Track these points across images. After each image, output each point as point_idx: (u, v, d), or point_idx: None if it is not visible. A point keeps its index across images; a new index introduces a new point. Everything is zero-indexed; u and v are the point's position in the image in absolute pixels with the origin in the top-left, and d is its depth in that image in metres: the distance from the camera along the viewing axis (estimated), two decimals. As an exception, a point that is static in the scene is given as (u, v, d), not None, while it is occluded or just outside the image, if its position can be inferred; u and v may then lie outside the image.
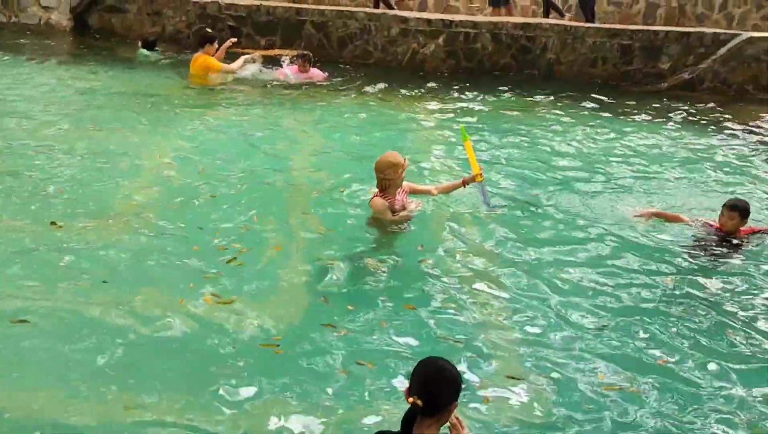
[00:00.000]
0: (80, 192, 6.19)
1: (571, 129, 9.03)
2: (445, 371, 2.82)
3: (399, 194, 5.74)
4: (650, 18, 15.43)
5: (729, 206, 5.76)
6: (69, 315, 4.34)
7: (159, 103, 9.12)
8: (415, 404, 2.71)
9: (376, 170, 5.62)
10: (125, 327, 4.24)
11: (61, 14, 12.64)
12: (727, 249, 5.68)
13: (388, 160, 5.60)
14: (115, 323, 4.28)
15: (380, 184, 5.65)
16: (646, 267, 5.38)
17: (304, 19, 12.10)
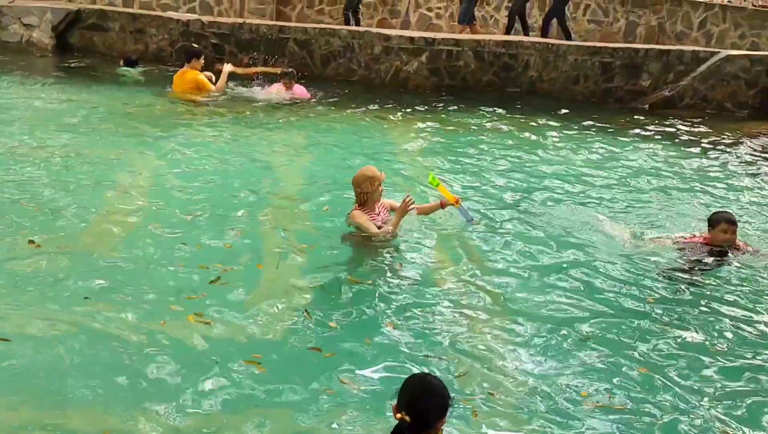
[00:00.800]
0: (59, 210, 6.10)
1: (554, 145, 9.08)
2: (433, 387, 2.80)
3: (378, 209, 5.76)
4: (630, 36, 15.64)
5: (727, 220, 5.74)
6: (51, 334, 4.26)
7: (140, 121, 9.08)
8: (403, 420, 2.69)
9: (353, 185, 5.71)
10: (108, 346, 4.18)
11: (43, 32, 12.59)
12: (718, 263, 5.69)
13: (363, 173, 5.69)
14: (97, 342, 4.21)
15: (358, 198, 5.72)
16: (630, 283, 5.39)
17: (287, 36, 12.12)
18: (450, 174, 7.79)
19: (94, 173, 7.07)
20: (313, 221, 6.23)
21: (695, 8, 15.50)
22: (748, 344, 4.64)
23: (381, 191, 5.75)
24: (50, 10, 12.71)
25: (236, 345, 4.26)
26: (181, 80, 10.14)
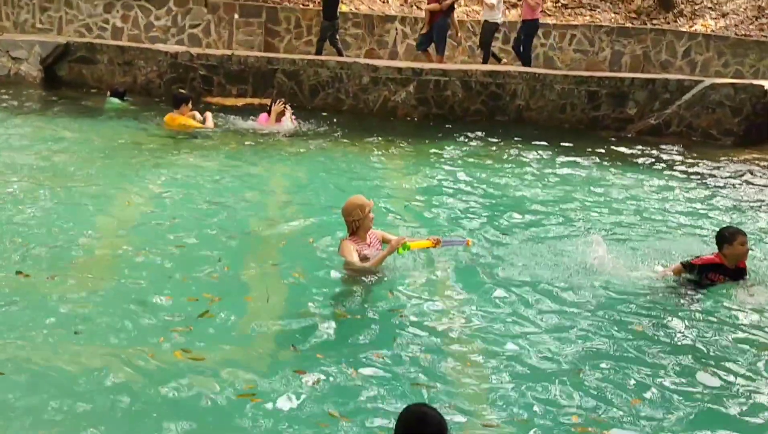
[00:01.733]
0: (48, 242, 6.08)
1: (542, 173, 9.12)
2: (429, 417, 2.78)
3: (370, 238, 5.76)
4: (616, 65, 15.81)
5: (743, 232, 5.72)
6: (43, 367, 4.24)
7: (128, 152, 9.08)
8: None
9: (343, 214, 5.74)
10: (98, 381, 4.14)
11: (31, 65, 12.61)
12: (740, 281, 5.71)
13: (352, 202, 5.73)
14: (88, 377, 4.17)
15: (349, 227, 5.75)
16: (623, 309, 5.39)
17: (276, 68, 12.18)
18: (439, 202, 7.81)
19: (82, 204, 7.05)
20: (302, 253, 6.21)
21: (679, 38, 15.70)
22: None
23: (371, 219, 5.76)
24: (39, 43, 12.73)
25: (225, 379, 4.22)
26: (172, 126, 10.21)
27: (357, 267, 5.59)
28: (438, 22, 13.37)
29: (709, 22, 16.32)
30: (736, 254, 5.70)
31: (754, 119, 11.35)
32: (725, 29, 15.98)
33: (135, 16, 15.28)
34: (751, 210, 8.12)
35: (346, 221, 5.73)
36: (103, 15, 15.29)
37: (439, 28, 13.41)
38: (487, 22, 13.76)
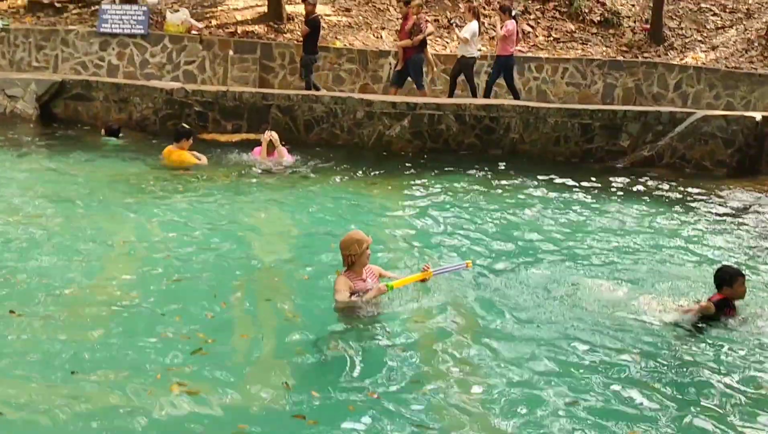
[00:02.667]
0: (41, 280, 6.05)
1: (537, 206, 9.13)
2: None
3: (366, 273, 5.75)
4: (608, 98, 15.94)
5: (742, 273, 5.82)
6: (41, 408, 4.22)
7: (123, 189, 9.07)
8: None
9: (341, 248, 5.75)
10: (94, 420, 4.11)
11: (27, 103, 12.65)
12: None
13: (350, 237, 5.75)
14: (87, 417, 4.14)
15: (345, 262, 5.75)
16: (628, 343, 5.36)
17: (271, 103, 12.25)
18: (434, 235, 7.81)
19: (76, 242, 7.03)
20: (297, 289, 6.19)
21: (670, 70, 15.86)
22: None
23: (368, 255, 5.76)
24: (35, 81, 12.80)
25: (221, 417, 4.18)
26: (169, 159, 10.23)
27: (344, 302, 5.58)
28: (412, 58, 13.54)
29: (699, 54, 16.49)
30: (737, 295, 5.78)
31: (747, 150, 11.42)
32: (716, 62, 16.15)
33: (130, 54, 15.41)
34: (747, 240, 8.13)
35: (343, 255, 5.74)
36: (99, 52, 15.42)
37: (414, 64, 13.56)
38: (464, 57, 13.84)
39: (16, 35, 15.59)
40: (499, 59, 13.84)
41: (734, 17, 17.82)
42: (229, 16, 16.53)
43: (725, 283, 5.77)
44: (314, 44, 13.98)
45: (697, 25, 17.66)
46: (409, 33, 13.43)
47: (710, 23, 17.70)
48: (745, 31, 17.06)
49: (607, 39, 17.27)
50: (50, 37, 15.51)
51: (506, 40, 13.62)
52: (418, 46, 13.46)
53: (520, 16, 17.54)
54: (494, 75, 13.96)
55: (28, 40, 15.54)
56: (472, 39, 13.64)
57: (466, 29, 13.71)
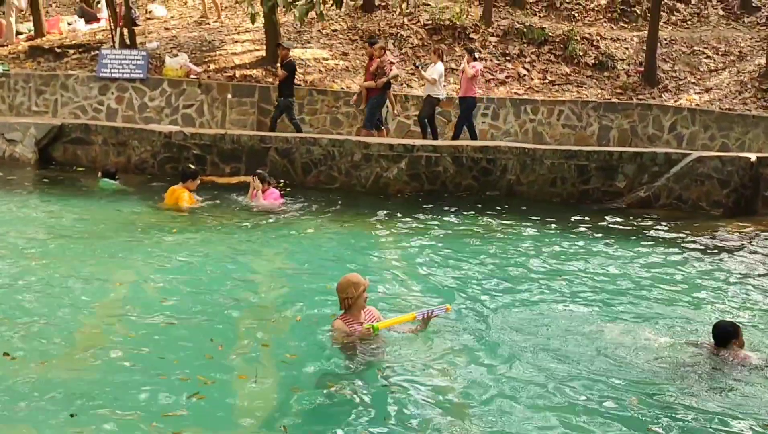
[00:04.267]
0: (36, 322, 6.00)
1: (535, 247, 9.13)
2: None
3: (364, 316, 5.73)
4: (604, 139, 16.06)
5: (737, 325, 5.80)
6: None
7: (120, 232, 9.07)
8: None
9: (338, 291, 5.72)
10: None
11: (26, 147, 12.73)
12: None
13: (348, 279, 5.72)
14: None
15: (342, 305, 5.72)
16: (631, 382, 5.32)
17: (269, 146, 12.32)
18: (432, 277, 7.79)
19: (73, 286, 6.99)
20: (293, 330, 6.15)
21: (665, 112, 16.01)
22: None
23: (365, 298, 5.73)
24: (34, 125, 12.89)
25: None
26: (170, 198, 10.28)
27: (341, 344, 5.58)
28: (373, 98, 13.75)
29: (693, 96, 16.67)
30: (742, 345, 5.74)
31: (743, 191, 11.48)
32: (710, 103, 16.31)
33: (129, 98, 15.55)
34: (745, 280, 8.12)
35: (340, 298, 5.72)
36: (98, 97, 15.56)
37: (372, 104, 13.77)
38: (430, 97, 14.04)
39: (16, 80, 15.74)
40: (463, 100, 14.08)
41: (727, 60, 18.06)
42: (227, 61, 16.71)
43: (732, 337, 5.71)
44: (291, 87, 14.26)
45: (690, 68, 17.87)
46: (374, 74, 13.69)
47: (703, 66, 17.92)
48: (738, 74, 17.27)
49: (601, 81, 17.46)
50: (50, 82, 15.66)
51: (471, 81, 13.88)
52: (382, 87, 13.70)
53: (515, 59, 17.77)
54: (465, 113, 14.17)
55: (29, 84, 15.69)
56: (439, 80, 13.87)
57: (433, 70, 13.99)
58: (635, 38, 18.85)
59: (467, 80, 13.94)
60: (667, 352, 5.85)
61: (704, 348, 5.80)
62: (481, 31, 18.40)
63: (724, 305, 7.20)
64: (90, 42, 17.46)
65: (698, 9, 20.62)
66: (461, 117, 14.22)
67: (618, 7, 20.17)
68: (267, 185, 10.68)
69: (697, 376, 5.49)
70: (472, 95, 14.09)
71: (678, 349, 5.88)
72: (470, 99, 14.08)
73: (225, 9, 19.81)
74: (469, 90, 14.04)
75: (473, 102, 14.21)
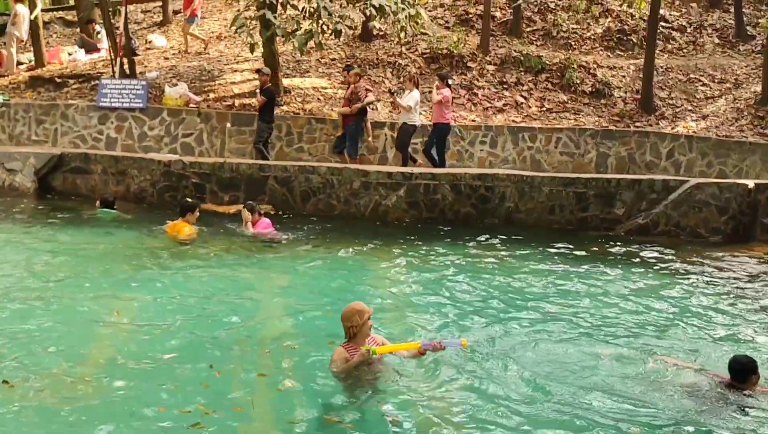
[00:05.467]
0: (36, 351, 6.00)
1: (534, 275, 9.12)
2: None
3: (369, 344, 5.71)
4: (602, 166, 16.11)
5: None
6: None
7: (119, 261, 9.06)
8: None
9: (342, 319, 5.71)
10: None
11: (25, 177, 12.75)
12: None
13: (352, 308, 5.71)
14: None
15: (347, 333, 5.71)
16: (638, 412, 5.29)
17: (268, 174, 12.35)
18: (431, 305, 7.77)
19: (72, 314, 7.00)
20: (291, 359, 6.12)
21: (662, 139, 16.08)
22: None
23: (370, 326, 5.73)
24: (34, 154, 12.93)
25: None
26: (172, 231, 10.29)
27: (340, 370, 5.56)
28: (350, 125, 13.84)
29: (690, 124, 16.75)
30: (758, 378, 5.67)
31: (741, 218, 11.50)
32: (706, 130, 16.39)
33: (129, 127, 15.60)
34: (746, 308, 8.11)
35: (344, 326, 5.71)
36: (98, 126, 15.61)
37: (351, 132, 13.87)
38: (406, 124, 14.10)
39: (16, 110, 15.81)
40: (435, 127, 14.10)
41: (723, 87, 18.18)
42: (226, 90, 16.81)
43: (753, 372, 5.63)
44: (270, 114, 14.37)
45: (687, 95, 17.99)
46: (349, 101, 13.79)
47: (700, 93, 18.04)
48: (734, 101, 17.38)
49: (599, 109, 17.56)
50: (50, 112, 15.73)
51: (442, 107, 13.89)
52: (358, 114, 13.80)
53: (513, 87, 17.89)
54: (429, 142, 14.20)
55: (28, 114, 15.75)
56: (415, 107, 13.96)
57: (409, 97, 14.07)
58: (632, 66, 18.98)
59: (437, 106, 13.95)
60: (678, 384, 5.80)
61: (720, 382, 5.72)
62: (479, 59, 18.54)
63: (726, 334, 7.18)
64: (90, 72, 17.56)
65: (694, 37, 20.79)
66: (438, 144, 14.18)
67: (614, 36, 20.34)
68: (258, 215, 10.69)
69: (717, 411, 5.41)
70: (444, 122, 14.00)
71: (690, 381, 5.82)
72: (442, 125, 14.01)
73: (224, 39, 19.97)
74: (440, 116, 13.97)
75: (445, 128, 14.11)
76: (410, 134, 14.17)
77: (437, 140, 14.08)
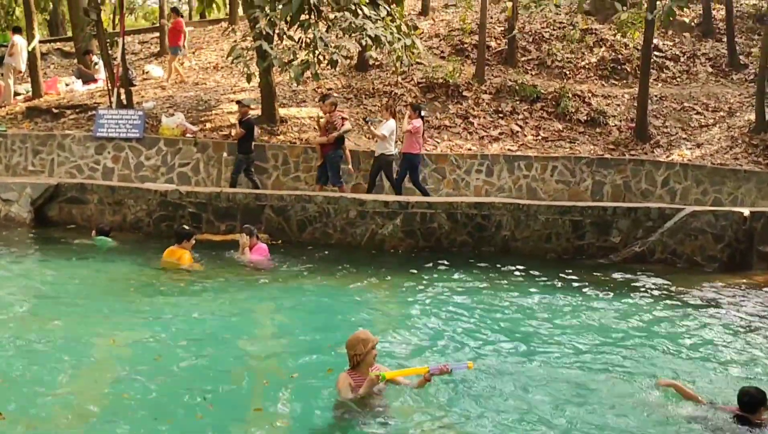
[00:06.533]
0: (29, 382, 5.95)
1: (531, 304, 9.11)
2: None
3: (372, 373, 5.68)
4: (598, 194, 16.14)
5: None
6: None
7: (114, 291, 9.04)
8: None
9: (347, 348, 5.72)
10: None
11: (21, 207, 12.74)
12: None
13: (357, 336, 5.73)
14: None
15: (351, 361, 5.72)
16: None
17: (264, 204, 12.36)
18: (428, 336, 7.74)
19: (67, 343, 6.96)
20: (288, 390, 6.08)
21: (657, 167, 16.14)
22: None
23: (375, 355, 5.71)
24: (30, 185, 12.93)
25: None
26: (171, 258, 10.25)
27: (346, 399, 5.51)
28: (329, 154, 13.94)
29: (685, 152, 16.84)
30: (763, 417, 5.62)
31: (737, 246, 11.51)
32: (701, 158, 16.46)
33: (126, 157, 15.63)
34: (744, 336, 8.08)
35: (349, 355, 5.72)
36: (95, 156, 15.63)
37: (331, 161, 13.94)
38: (383, 154, 14.18)
39: (13, 140, 15.85)
40: (405, 156, 14.16)
41: (717, 116, 18.30)
42: (223, 119, 16.87)
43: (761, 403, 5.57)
44: (249, 145, 14.54)
45: (681, 124, 18.09)
46: (326, 130, 13.91)
47: (694, 121, 18.15)
48: (728, 129, 17.48)
49: (594, 137, 17.64)
50: (47, 142, 15.76)
51: (412, 137, 13.97)
52: (335, 142, 13.91)
53: (509, 116, 17.99)
54: (402, 173, 14.26)
55: (25, 145, 15.78)
56: (390, 136, 14.04)
57: (385, 127, 14.18)
58: (626, 95, 19.12)
59: (407, 136, 14.04)
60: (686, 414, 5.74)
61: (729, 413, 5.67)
62: (475, 88, 18.66)
63: (728, 364, 7.15)
64: (87, 102, 17.65)
65: (687, 66, 20.97)
66: (401, 173, 14.26)
67: (608, 65, 20.50)
68: (256, 239, 10.71)
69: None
70: (414, 152, 14.08)
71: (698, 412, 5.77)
72: (411, 156, 14.07)
73: (221, 69, 20.10)
74: (411, 146, 14.05)
75: (415, 158, 14.17)
76: (390, 165, 14.26)
77: (409, 169, 14.19)
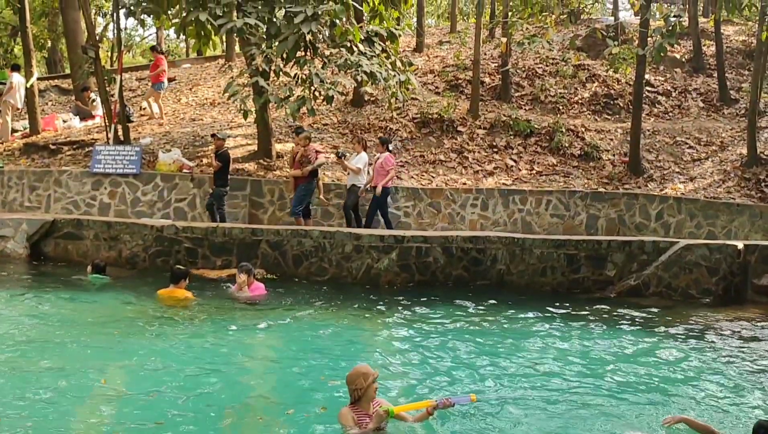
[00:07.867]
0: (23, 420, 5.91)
1: (526, 337, 9.10)
2: None
3: (373, 408, 5.70)
4: (592, 228, 16.23)
5: None
6: None
7: (108, 327, 9.00)
8: None
9: (347, 382, 5.73)
10: None
11: (17, 243, 12.75)
12: None
13: (357, 370, 5.74)
14: None
15: (352, 396, 5.72)
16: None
17: (260, 238, 12.39)
18: (424, 371, 7.72)
19: (62, 381, 6.91)
20: (285, 426, 6.06)
21: (651, 201, 16.25)
22: None
23: (375, 389, 5.73)
24: (26, 221, 12.96)
25: None
26: (171, 299, 10.25)
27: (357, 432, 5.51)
28: (300, 186, 14.22)
29: (678, 185, 16.97)
30: None
31: (732, 279, 11.55)
32: (694, 192, 16.59)
33: (122, 192, 15.69)
34: (742, 369, 8.08)
35: (349, 389, 5.73)
36: (91, 192, 15.70)
37: (299, 193, 14.20)
38: (354, 186, 14.52)
39: (9, 176, 15.91)
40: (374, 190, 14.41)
41: (709, 150, 18.48)
42: (219, 155, 16.94)
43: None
44: (225, 177, 14.70)
45: (674, 158, 18.26)
46: (300, 163, 14.16)
47: (686, 155, 18.32)
48: (720, 163, 17.64)
49: (588, 172, 17.78)
50: (43, 178, 15.83)
51: (380, 171, 14.23)
52: (308, 176, 14.15)
53: (503, 150, 18.13)
54: (374, 206, 14.51)
55: (22, 181, 15.85)
56: (363, 169, 14.41)
57: (358, 159, 14.59)
58: (619, 129, 19.31)
59: (377, 169, 14.39)
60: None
61: None
62: (469, 123, 18.84)
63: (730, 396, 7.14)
64: (84, 138, 17.76)
65: (679, 101, 21.22)
66: (371, 205, 14.53)
67: (601, 100, 20.73)
68: (252, 277, 10.71)
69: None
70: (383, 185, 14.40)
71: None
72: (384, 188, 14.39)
73: (218, 105, 20.27)
74: (377, 179, 14.42)
75: (384, 191, 14.44)
76: (357, 197, 14.60)
77: (378, 204, 14.41)
